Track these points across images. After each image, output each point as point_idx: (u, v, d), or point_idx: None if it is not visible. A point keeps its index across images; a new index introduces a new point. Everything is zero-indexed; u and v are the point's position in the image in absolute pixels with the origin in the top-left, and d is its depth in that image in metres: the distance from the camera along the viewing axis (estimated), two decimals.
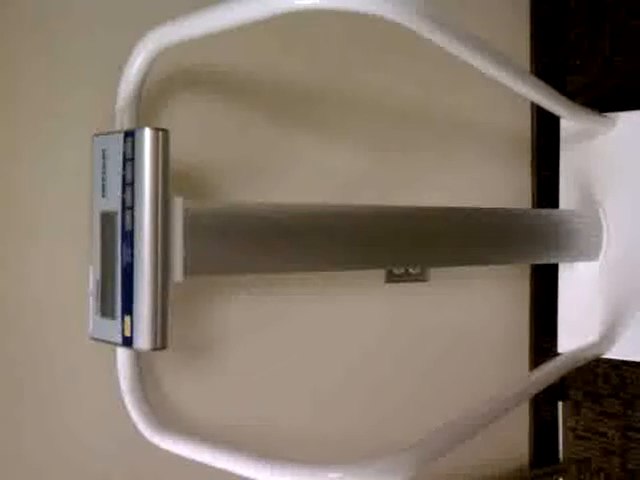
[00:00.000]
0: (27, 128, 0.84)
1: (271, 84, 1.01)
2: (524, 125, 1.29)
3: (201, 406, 0.95)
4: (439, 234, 1.02)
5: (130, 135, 0.74)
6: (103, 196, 0.78)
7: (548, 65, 1.32)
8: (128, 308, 0.74)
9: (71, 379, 0.86)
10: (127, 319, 0.75)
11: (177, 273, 0.76)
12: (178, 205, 0.76)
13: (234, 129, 0.98)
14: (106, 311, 0.78)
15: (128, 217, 0.74)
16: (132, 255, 0.74)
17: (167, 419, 0.89)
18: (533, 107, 1.29)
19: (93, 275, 0.80)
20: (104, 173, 0.78)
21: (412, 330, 1.15)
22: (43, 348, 0.84)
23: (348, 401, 1.09)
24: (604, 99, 1.29)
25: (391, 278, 1.11)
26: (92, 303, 0.80)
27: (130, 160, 0.74)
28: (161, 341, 0.74)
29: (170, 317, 0.75)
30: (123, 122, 0.82)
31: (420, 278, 1.14)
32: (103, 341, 0.78)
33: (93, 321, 0.79)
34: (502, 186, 1.26)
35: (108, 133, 0.78)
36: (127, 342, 0.75)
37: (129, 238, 0.74)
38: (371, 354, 1.11)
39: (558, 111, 1.04)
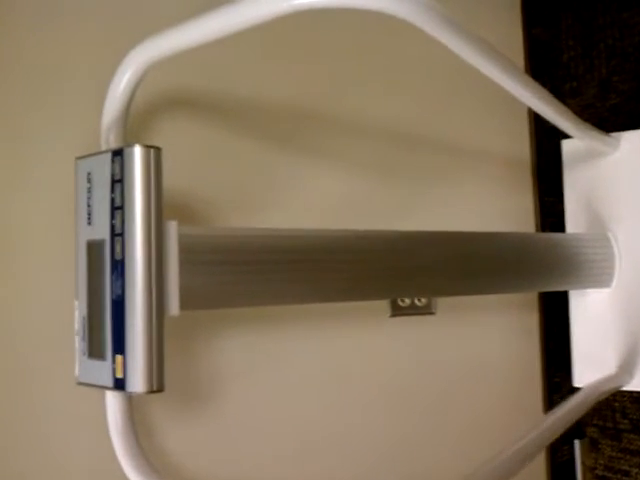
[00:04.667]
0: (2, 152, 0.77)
1: (266, 105, 0.96)
2: (523, 149, 1.24)
3: (196, 454, 0.86)
4: (444, 261, 0.96)
5: (118, 154, 0.67)
6: (89, 224, 0.70)
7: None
8: (119, 347, 0.66)
9: (56, 428, 0.78)
10: (119, 359, 0.66)
11: (173, 306, 0.68)
12: (172, 230, 0.69)
13: (226, 151, 0.92)
14: (94, 352, 0.69)
15: (118, 245, 0.67)
16: (123, 287, 0.66)
17: (161, 468, 0.80)
18: (532, 131, 1.25)
19: (79, 311, 0.71)
20: (89, 199, 0.71)
21: (418, 366, 1.08)
22: (25, 395, 0.76)
23: (352, 444, 1.01)
24: (603, 121, 1.25)
25: (396, 312, 1.04)
26: (78, 344, 0.71)
27: (119, 182, 0.67)
28: (157, 383, 0.66)
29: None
30: (109, 142, 0.76)
31: (427, 311, 1.07)
32: (92, 386, 0.70)
33: (80, 364, 0.71)
34: (503, 211, 1.21)
35: (93, 154, 0.71)
36: (119, 385, 0.66)
37: (119, 268, 0.66)
38: (376, 393, 1.03)
39: (568, 129, 0.99)
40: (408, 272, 0.92)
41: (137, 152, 0.66)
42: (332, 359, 0.99)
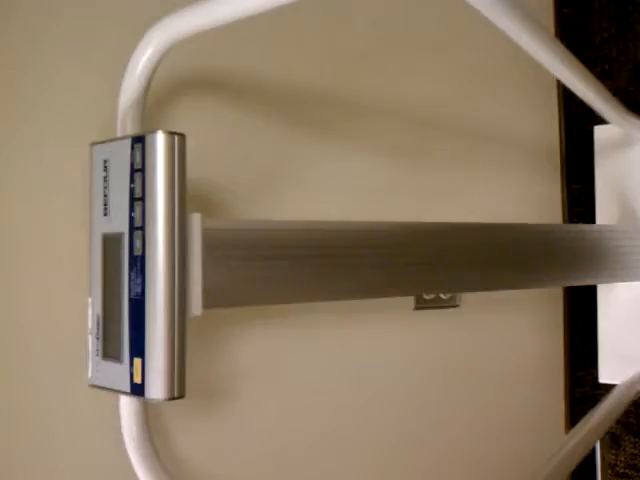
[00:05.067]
0: (14, 136, 0.72)
1: (285, 87, 0.90)
2: (552, 135, 1.19)
3: (213, 459, 0.82)
4: (470, 254, 0.91)
5: (139, 141, 0.62)
6: (105, 215, 0.65)
7: None
8: (138, 349, 0.61)
9: (68, 432, 0.74)
10: (137, 362, 0.62)
11: (195, 305, 0.64)
12: (196, 224, 0.64)
13: (246, 137, 0.87)
14: (110, 353, 0.65)
15: (138, 240, 0.62)
16: (143, 285, 0.61)
17: (177, 472, 0.76)
18: (561, 116, 1.19)
19: (93, 309, 0.67)
20: (106, 188, 0.65)
21: (442, 360, 1.04)
22: (36, 395, 0.72)
23: (373, 441, 0.97)
24: (636, 106, 1.19)
25: (421, 304, 0.99)
26: (92, 343, 0.67)
27: (139, 171, 0.62)
28: (179, 389, 0.61)
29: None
30: (126, 126, 0.70)
31: (451, 304, 1.03)
32: (106, 389, 0.65)
33: (93, 365, 0.66)
34: (529, 198, 1.16)
35: (110, 140, 0.66)
36: (137, 390, 0.62)
37: (139, 265, 0.61)
38: (398, 389, 0.99)
39: (606, 113, 0.94)
40: (434, 267, 0.87)
41: (160, 139, 0.61)
42: (353, 355, 0.94)
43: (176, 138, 0.61)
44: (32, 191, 0.73)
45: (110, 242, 0.65)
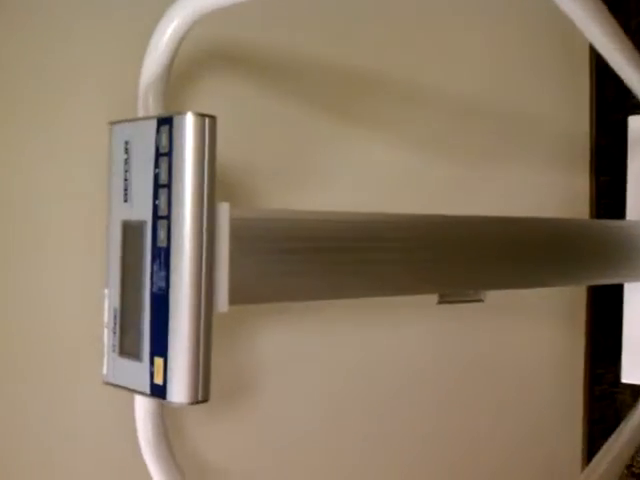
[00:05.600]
0: (27, 113, 0.67)
1: (319, 69, 0.85)
2: (583, 125, 1.14)
3: (233, 460, 0.78)
4: (497, 249, 0.87)
5: (166, 123, 0.57)
6: (125, 201, 0.60)
7: None
8: (160, 348, 0.57)
9: (79, 430, 0.69)
10: (158, 362, 0.57)
11: (222, 301, 0.59)
12: (224, 213, 0.59)
13: (269, 120, 0.82)
14: (128, 349, 0.60)
15: (162, 230, 0.57)
16: (167, 279, 0.56)
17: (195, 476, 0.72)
18: (593, 106, 1.14)
19: (109, 301, 0.62)
20: (127, 172, 0.60)
21: (462, 356, 1.00)
22: (46, 390, 0.67)
23: (393, 439, 0.93)
24: None
25: (445, 299, 0.95)
26: (107, 338, 0.62)
27: (165, 155, 0.57)
28: (203, 392, 0.56)
29: None
30: (148, 105, 0.65)
31: (475, 298, 0.98)
32: (122, 388, 0.61)
33: (109, 361, 0.62)
34: (556, 189, 1.11)
35: (133, 120, 0.61)
36: (158, 392, 0.57)
37: (163, 257, 0.56)
38: (423, 386, 0.95)
39: None
40: (458, 263, 0.83)
41: (189, 121, 0.56)
42: (373, 351, 0.90)
43: (207, 120, 0.56)
44: (43, 170, 0.68)
45: (130, 230, 0.60)
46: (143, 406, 0.66)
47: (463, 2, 0.99)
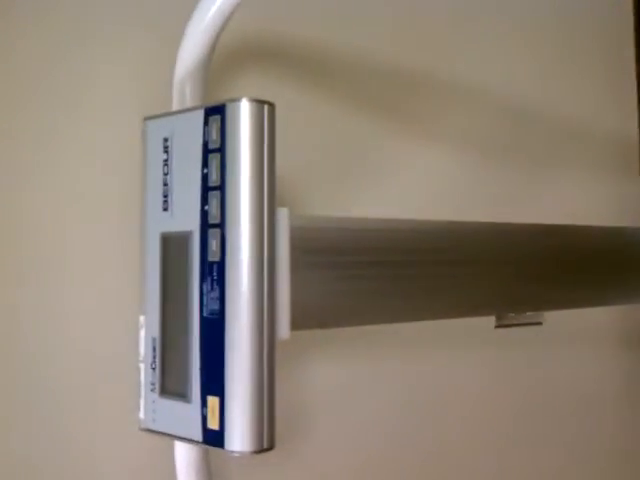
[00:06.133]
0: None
1: (358, 66, 0.76)
2: (631, 127, 1.06)
3: None
4: (560, 261, 0.78)
5: (216, 112, 0.48)
6: (165, 209, 0.51)
7: None
8: (215, 385, 0.47)
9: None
10: (212, 402, 0.47)
11: (283, 326, 0.49)
12: (283, 220, 0.49)
13: (308, 119, 0.73)
14: (171, 387, 0.50)
15: (214, 240, 0.47)
16: (222, 300, 0.46)
17: None
18: None
19: (147, 330, 0.52)
20: (167, 175, 0.51)
21: (522, 384, 0.90)
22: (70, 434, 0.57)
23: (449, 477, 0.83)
24: None
25: (503, 322, 0.86)
26: (145, 375, 0.52)
27: (216, 151, 0.47)
28: (269, 439, 0.46)
29: None
30: (185, 97, 0.56)
31: (535, 320, 0.89)
32: (164, 435, 0.51)
33: (147, 403, 0.51)
34: (608, 197, 1.03)
35: (172, 114, 0.52)
36: (213, 439, 0.47)
37: (216, 273, 0.47)
38: (484, 419, 0.85)
39: None
40: (519, 278, 0.74)
41: (245, 109, 0.46)
42: (426, 383, 0.81)
43: (265, 108, 0.47)
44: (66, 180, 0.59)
45: (172, 244, 0.50)
46: (185, 455, 0.55)
47: (512, 4, 0.91)
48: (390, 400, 0.78)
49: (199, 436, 0.47)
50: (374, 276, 0.54)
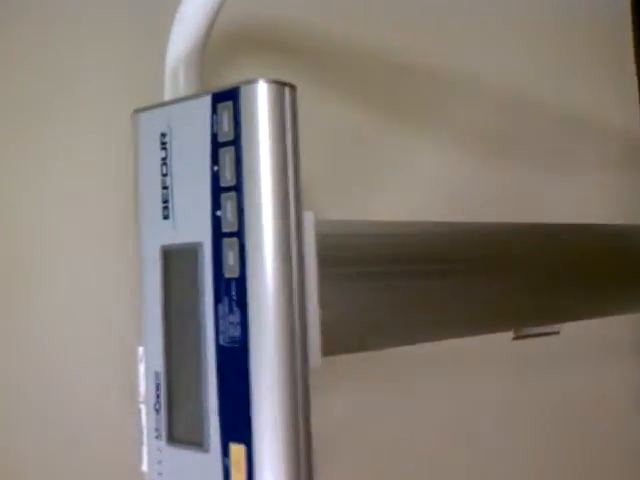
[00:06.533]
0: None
1: (365, 57, 0.69)
2: (634, 122, 1.00)
3: None
4: (580, 264, 0.72)
5: (227, 97, 0.39)
6: (166, 217, 0.42)
7: None
8: (239, 429, 0.38)
9: None
10: (237, 451, 0.38)
11: (314, 353, 0.41)
12: (309, 226, 0.41)
13: (315, 110, 0.65)
14: (183, 435, 0.41)
15: (231, 253, 0.39)
16: (244, 324, 0.38)
17: None
18: None
19: (147, 365, 0.43)
20: (166, 176, 0.42)
21: (543, 400, 0.83)
22: None
23: None
24: None
25: (521, 333, 0.79)
26: (146, 418, 0.43)
27: (229, 144, 0.39)
28: None
29: None
30: (179, 84, 0.47)
31: (553, 330, 0.82)
32: None
33: (151, 453, 0.43)
34: (619, 198, 0.97)
35: (170, 103, 0.43)
36: None
37: (235, 292, 0.38)
38: (516, 446, 0.78)
39: None
40: (538, 286, 0.67)
41: (264, 92, 0.38)
42: (457, 405, 0.73)
43: (287, 90, 0.39)
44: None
45: (176, 259, 0.41)
46: None
47: (513, 4, 0.85)
48: (412, 423, 0.70)
49: None
50: (408, 287, 0.46)
